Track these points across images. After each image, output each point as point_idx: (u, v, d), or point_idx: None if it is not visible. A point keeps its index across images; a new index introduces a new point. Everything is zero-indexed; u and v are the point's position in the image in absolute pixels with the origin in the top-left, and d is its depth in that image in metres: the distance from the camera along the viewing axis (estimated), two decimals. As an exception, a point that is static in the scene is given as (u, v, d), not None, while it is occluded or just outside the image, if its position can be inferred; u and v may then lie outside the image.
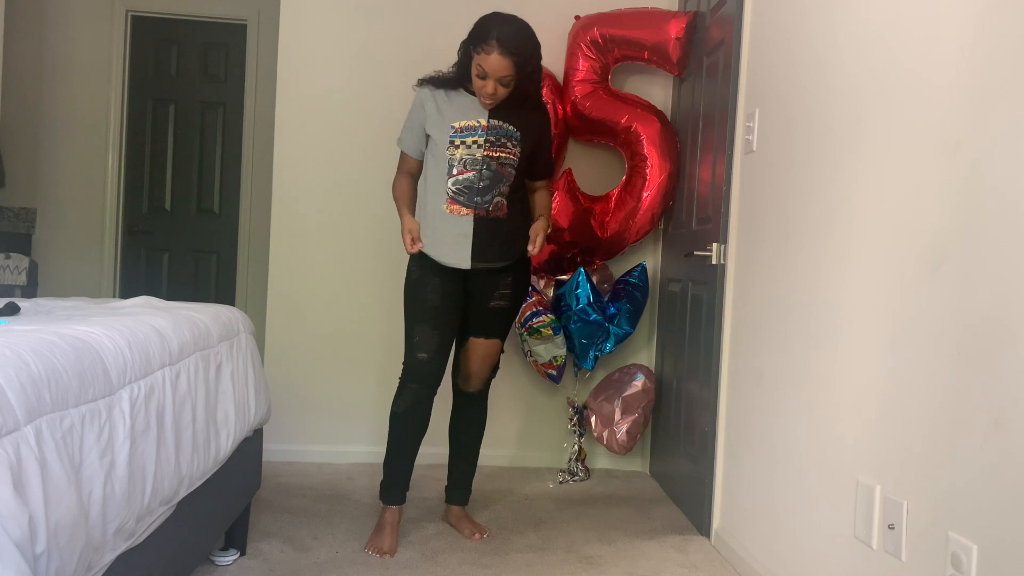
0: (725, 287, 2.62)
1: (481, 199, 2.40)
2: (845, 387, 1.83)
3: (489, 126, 2.40)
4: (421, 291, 2.45)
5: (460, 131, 2.40)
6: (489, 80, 2.30)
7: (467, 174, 2.39)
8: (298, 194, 3.41)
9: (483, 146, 2.39)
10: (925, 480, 1.51)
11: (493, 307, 2.51)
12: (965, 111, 1.45)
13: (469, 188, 2.40)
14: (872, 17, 1.79)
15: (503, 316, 2.54)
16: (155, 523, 1.51)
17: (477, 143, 2.39)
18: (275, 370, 3.39)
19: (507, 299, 2.52)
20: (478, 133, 2.40)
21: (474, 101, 2.42)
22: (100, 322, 1.49)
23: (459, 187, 2.40)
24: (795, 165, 2.15)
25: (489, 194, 2.41)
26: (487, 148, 2.39)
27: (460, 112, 2.42)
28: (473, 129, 2.40)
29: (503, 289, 2.50)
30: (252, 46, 4.73)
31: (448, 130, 2.40)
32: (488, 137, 2.40)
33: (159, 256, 4.78)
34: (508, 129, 2.42)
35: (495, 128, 2.41)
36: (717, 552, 2.54)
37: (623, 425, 3.19)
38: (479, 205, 2.40)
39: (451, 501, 2.66)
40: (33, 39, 4.53)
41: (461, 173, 2.40)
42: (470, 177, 2.39)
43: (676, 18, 3.14)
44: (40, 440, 1.10)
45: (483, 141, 2.39)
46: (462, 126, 2.40)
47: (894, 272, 1.64)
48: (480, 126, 2.40)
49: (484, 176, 2.40)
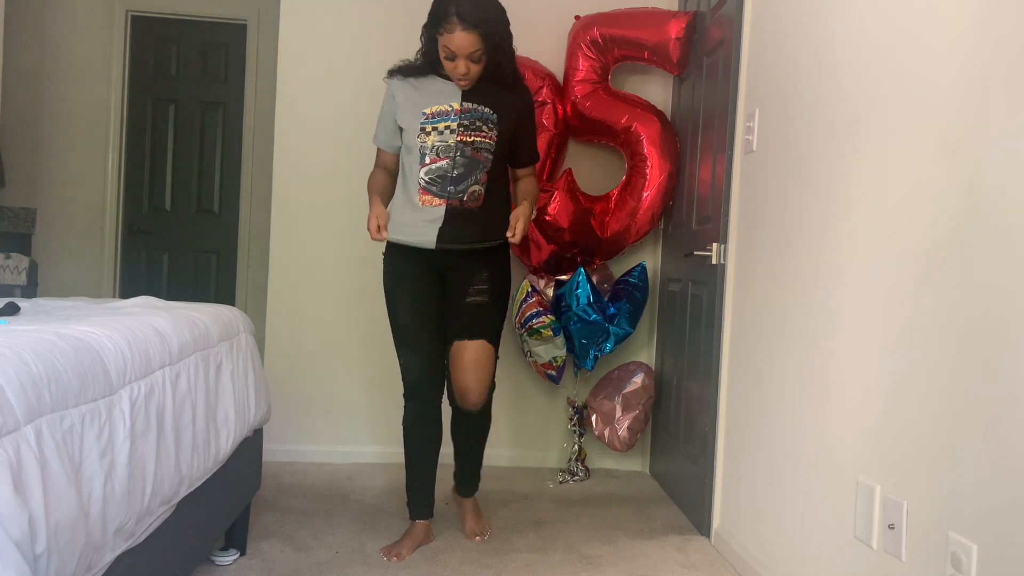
0: (725, 287, 2.62)
1: (455, 188, 2.27)
2: (845, 387, 1.83)
3: (462, 109, 2.28)
4: (393, 309, 2.39)
5: (432, 117, 2.27)
6: (459, 59, 2.19)
7: (440, 162, 2.26)
8: (298, 194, 3.41)
9: (456, 131, 2.26)
10: (925, 480, 1.51)
11: (470, 303, 2.35)
12: (965, 111, 1.45)
13: (442, 177, 2.27)
14: (872, 17, 1.79)
15: (484, 313, 2.36)
16: (155, 523, 1.51)
17: (450, 128, 2.26)
18: (275, 370, 3.39)
19: (485, 294, 2.35)
20: (451, 118, 2.27)
21: (447, 84, 2.31)
22: (100, 322, 1.49)
23: (431, 176, 2.27)
24: (795, 165, 2.15)
25: (464, 183, 2.28)
26: (460, 133, 2.26)
27: (432, 97, 2.30)
28: (445, 114, 2.28)
29: (479, 284, 2.35)
30: (252, 46, 4.73)
31: (419, 117, 2.28)
32: (461, 121, 2.27)
33: (159, 256, 4.78)
34: (483, 111, 2.29)
35: (469, 111, 2.28)
36: (717, 552, 2.54)
37: (624, 422, 3.20)
38: (452, 195, 2.27)
39: (462, 494, 2.63)
40: (33, 39, 4.53)
41: (434, 161, 2.27)
42: (443, 165, 2.26)
43: (676, 18, 3.14)
44: (40, 440, 1.10)
45: (456, 126, 2.26)
46: (434, 111, 2.28)
47: (894, 272, 1.64)
48: (453, 110, 2.27)
49: (458, 163, 2.27)
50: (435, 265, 2.37)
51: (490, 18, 2.18)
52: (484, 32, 2.17)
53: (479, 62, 2.23)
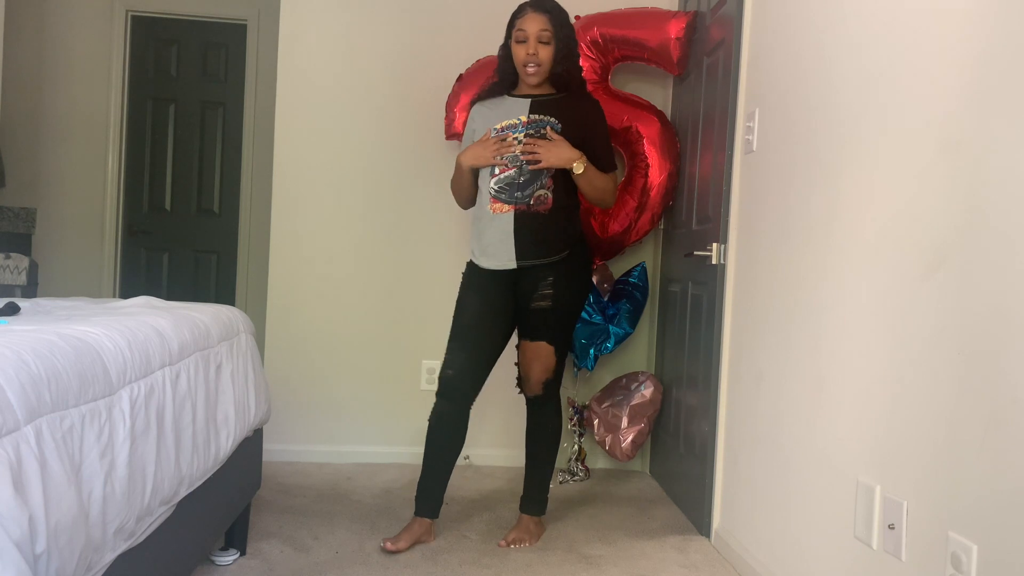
0: (725, 287, 2.62)
1: (522, 193, 2.42)
2: (845, 387, 1.83)
3: (529, 121, 2.44)
4: (460, 307, 2.52)
5: (502, 130, 2.46)
6: (530, 40, 2.39)
7: (508, 171, 2.43)
8: (298, 194, 3.41)
9: (523, 141, 2.42)
10: (925, 480, 1.51)
11: (534, 308, 2.47)
12: (966, 110, 1.45)
13: (510, 184, 2.43)
14: (872, 16, 1.79)
15: (546, 317, 2.47)
16: (155, 523, 1.50)
17: (518, 139, 2.43)
18: (275, 370, 3.39)
19: (549, 299, 2.46)
20: (518, 129, 2.44)
21: (516, 102, 2.49)
22: (100, 322, 1.49)
23: (501, 185, 2.44)
24: (795, 165, 2.15)
25: (530, 187, 2.42)
26: (527, 143, 2.42)
27: (503, 114, 2.48)
28: (513, 127, 2.45)
29: (544, 289, 2.46)
30: (252, 46, 4.73)
31: (491, 132, 2.47)
32: (528, 132, 2.43)
33: (159, 256, 4.78)
34: (548, 121, 2.44)
35: (535, 122, 2.44)
36: (717, 552, 2.54)
37: (628, 435, 3.18)
38: (519, 200, 2.42)
39: (522, 509, 2.62)
40: (33, 39, 4.53)
41: (503, 171, 2.44)
42: (511, 174, 2.43)
43: (676, 18, 3.14)
44: (40, 440, 1.10)
45: (523, 136, 2.43)
46: (504, 125, 2.47)
47: (894, 271, 1.64)
48: (520, 123, 2.45)
49: (524, 171, 2.42)
50: (509, 278, 2.49)
51: (558, 10, 2.45)
52: (553, 17, 2.41)
53: (548, 44, 2.41)
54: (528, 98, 2.48)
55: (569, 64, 2.46)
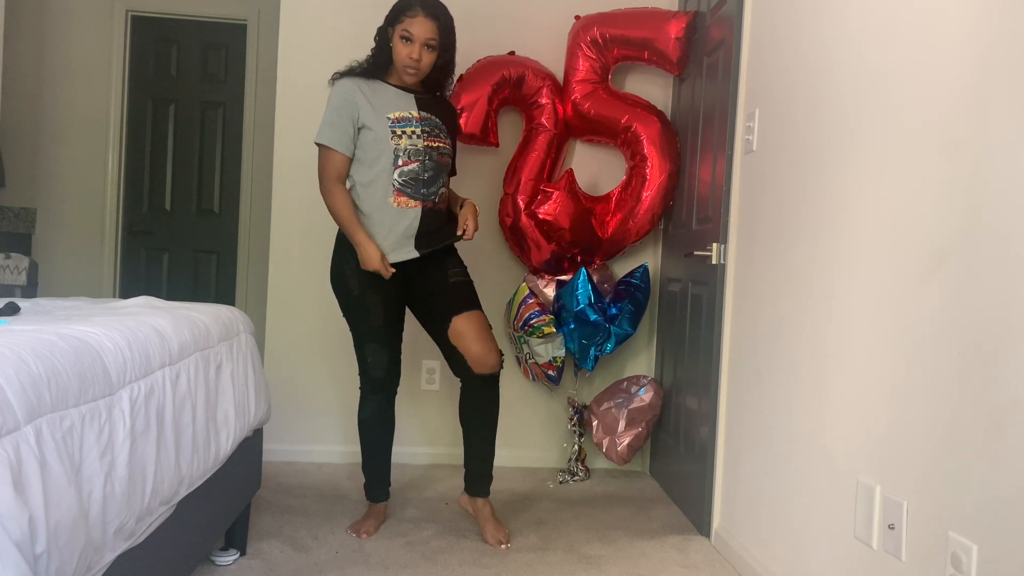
0: (725, 287, 2.62)
1: (427, 191, 2.44)
2: (845, 386, 1.83)
3: (421, 117, 2.44)
4: (363, 308, 2.48)
5: (397, 121, 2.41)
6: (415, 43, 2.36)
7: (411, 165, 2.41)
8: (298, 194, 3.41)
9: (422, 136, 2.42)
10: (925, 480, 1.51)
11: (455, 282, 2.51)
12: (966, 111, 1.45)
13: (415, 180, 2.42)
14: (872, 16, 1.79)
15: (468, 286, 2.54)
16: (155, 523, 1.51)
17: (415, 133, 2.42)
18: (275, 370, 3.39)
19: (462, 274, 2.54)
20: (414, 124, 2.43)
21: (397, 93, 2.45)
22: (100, 322, 1.49)
23: (405, 178, 2.42)
24: (795, 165, 2.15)
25: (434, 185, 2.46)
26: (426, 138, 2.43)
27: (389, 104, 2.43)
28: (408, 120, 2.42)
29: (455, 267, 2.54)
30: (252, 46, 4.72)
31: (385, 120, 2.40)
32: (423, 127, 2.43)
33: (159, 256, 4.78)
34: (436, 121, 2.48)
35: (426, 119, 2.45)
36: (717, 552, 2.54)
37: (625, 438, 3.18)
38: (426, 197, 2.44)
39: (472, 493, 2.57)
40: (33, 39, 4.53)
41: (406, 164, 2.41)
42: (415, 168, 2.42)
43: (676, 18, 3.14)
44: (40, 440, 1.10)
45: (420, 131, 2.42)
46: (397, 117, 2.42)
47: (895, 272, 1.64)
48: (413, 117, 2.43)
49: (427, 167, 2.43)
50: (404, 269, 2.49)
51: (448, 20, 2.42)
52: (441, 25, 2.38)
53: (433, 51, 2.39)
54: (411, 93, 2.47)
55: (445, 72, 2.49)
